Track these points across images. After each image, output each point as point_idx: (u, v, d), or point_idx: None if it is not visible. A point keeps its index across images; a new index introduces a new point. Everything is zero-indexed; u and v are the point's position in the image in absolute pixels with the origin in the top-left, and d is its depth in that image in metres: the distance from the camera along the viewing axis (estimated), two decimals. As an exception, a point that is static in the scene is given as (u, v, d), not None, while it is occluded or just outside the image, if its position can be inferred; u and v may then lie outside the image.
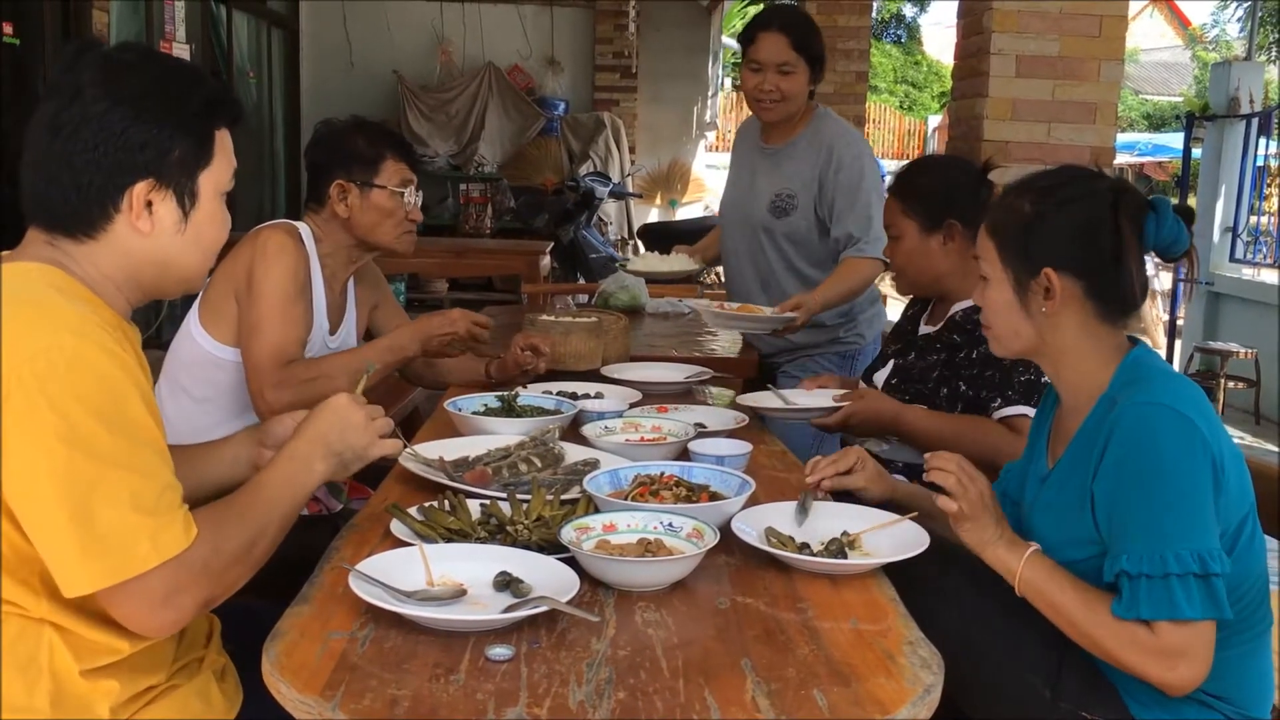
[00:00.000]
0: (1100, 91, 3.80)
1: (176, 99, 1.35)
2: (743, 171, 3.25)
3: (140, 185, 1.32)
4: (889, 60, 22.56)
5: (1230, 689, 1.56)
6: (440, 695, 1.14)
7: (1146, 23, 26.95)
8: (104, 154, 1.30)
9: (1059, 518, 1.63)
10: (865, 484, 1.84)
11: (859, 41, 7.30)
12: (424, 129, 9.76)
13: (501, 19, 10.27)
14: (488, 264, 7.13)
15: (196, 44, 7.20)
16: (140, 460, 1.22)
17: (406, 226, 2.43)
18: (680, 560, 1.45)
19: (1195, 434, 1.47)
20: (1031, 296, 1.62)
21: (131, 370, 1.25)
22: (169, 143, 1.33)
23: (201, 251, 1.42)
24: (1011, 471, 1.87)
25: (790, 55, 2.96)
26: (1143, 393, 1.52)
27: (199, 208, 1.38)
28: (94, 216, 1.33)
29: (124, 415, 1.22)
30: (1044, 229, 1.61)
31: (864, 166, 3.02)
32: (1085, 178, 1.67)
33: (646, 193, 11.00)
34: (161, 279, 1.40)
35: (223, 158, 1.40)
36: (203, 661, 1.46)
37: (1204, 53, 23.34)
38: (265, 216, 8.86)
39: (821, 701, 1.16)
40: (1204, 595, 1.43)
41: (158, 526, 1.21)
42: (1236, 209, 8.16)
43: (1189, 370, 7.75)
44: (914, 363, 2.40)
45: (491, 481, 1.81)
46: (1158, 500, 1.46)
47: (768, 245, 3.16)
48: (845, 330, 3.19)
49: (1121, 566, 1.46)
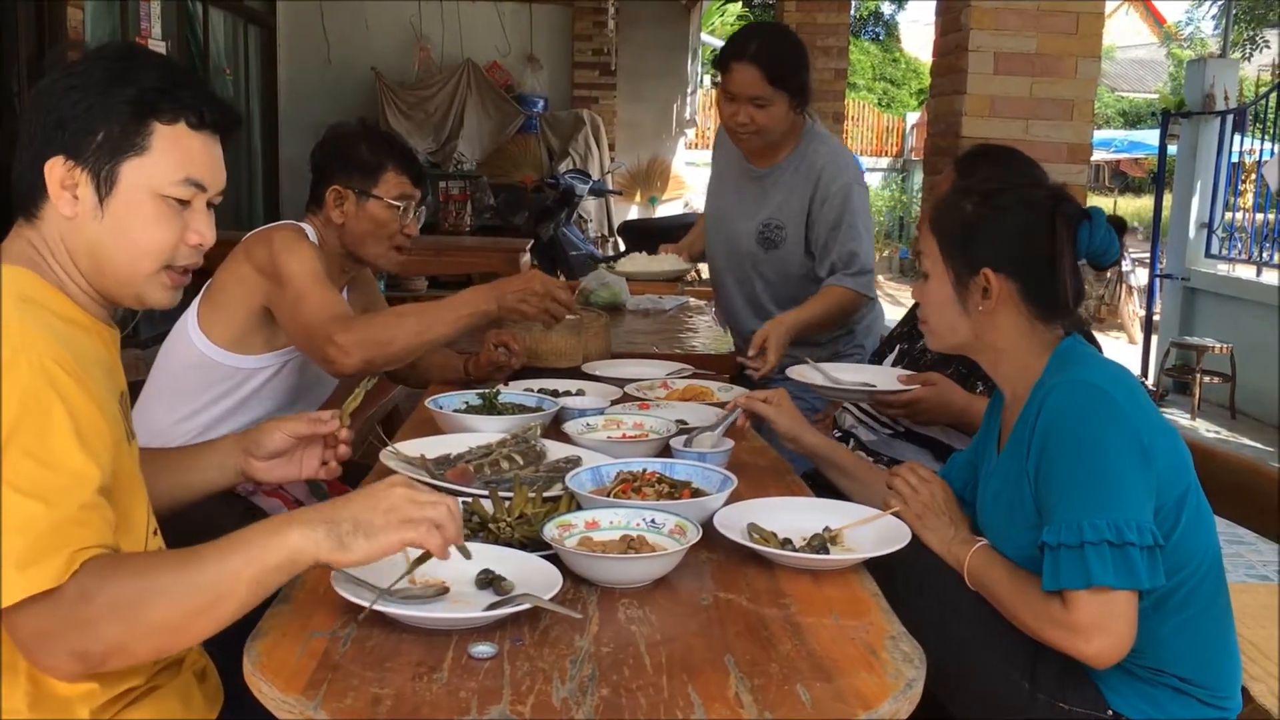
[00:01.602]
0: (1077, 88, 3.83)
1: (113, 81, 1.31)
2: (726, 188, 3.08)
3: (54, 160, 1.30)
4: (867, 58, 22.63)
5: (1201, 673, 1.59)
6: (423, 694, 1.14)
7: (1122, 20, 27.14)
8: (36, 128, 1.30)
9: (1007, 506, 1.66)
10: (776, 417, 1.95)
11: (838, 39, 7.32)
12: (403, 126, 9.72)
13: (480, 16, 10.24)
14: (467, 262, 7.10)
15: (172, 41, 7.15)
16: (45, 488, 1.14)
17: (398, 242, 2.40)
18: (662, 557, 1.45)
19: (1115, 407, 1.51)
20: (970, 294, 1.67)
21: (69, 395, 1.18)
22: (95, 124, 1.30)
23: (125, 248, 1.33)
24: (955, 464, 1.91)
25: (764, 89, 2.73)
26: (1068, 372, 1.58)
27: (117, 196, 1.32)
28: (34, 195, 1.32)
29: (41, 441, 1.15)
30: (984, 230, 1.66)
31: (850, 197, 2.83)
32: (1027, 185, 1.73)
33: (626, 190, 11.00)
34: (98, 273, 1.35)
35: (165, 155, 1.33)
36: (183, 662, 1.44)
37: (1179, 50, 23.54)
38: (243, 214, 8.91)
39: (804, 697, 1.16)
40: (1119, 563, 1.45)
41: (37, 561, 1.11)
42: (1212, 205, 8.23)
43: (1165, 365, 7.81)
44: (924, 351, 2.36)
45: (473, 479, 1.80)
46: (1078, 472, 1.50)
47: (756, 279, 3.00)
48: (844, 343, 2.99)
49: (1044, 539, 1.50)
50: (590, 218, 10.20)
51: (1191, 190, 8.36)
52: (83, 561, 1.14)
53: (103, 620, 1.14)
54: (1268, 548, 1.98)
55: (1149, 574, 1.46)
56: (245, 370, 2.26)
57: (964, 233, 1.66)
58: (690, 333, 3.58)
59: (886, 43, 23.50)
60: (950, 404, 2.20)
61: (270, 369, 2.29)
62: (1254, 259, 7.84)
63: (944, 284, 1.69)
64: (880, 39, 23.51)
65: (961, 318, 1.68)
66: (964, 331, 1.70)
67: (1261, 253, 7.80)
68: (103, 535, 1.18)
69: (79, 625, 1.14)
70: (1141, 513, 1.47)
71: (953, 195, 1.70)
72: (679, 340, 3.39)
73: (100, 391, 1.25)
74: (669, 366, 2.80)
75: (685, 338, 3.46)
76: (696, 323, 3.79)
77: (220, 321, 2.24)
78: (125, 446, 1.33)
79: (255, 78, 9.40)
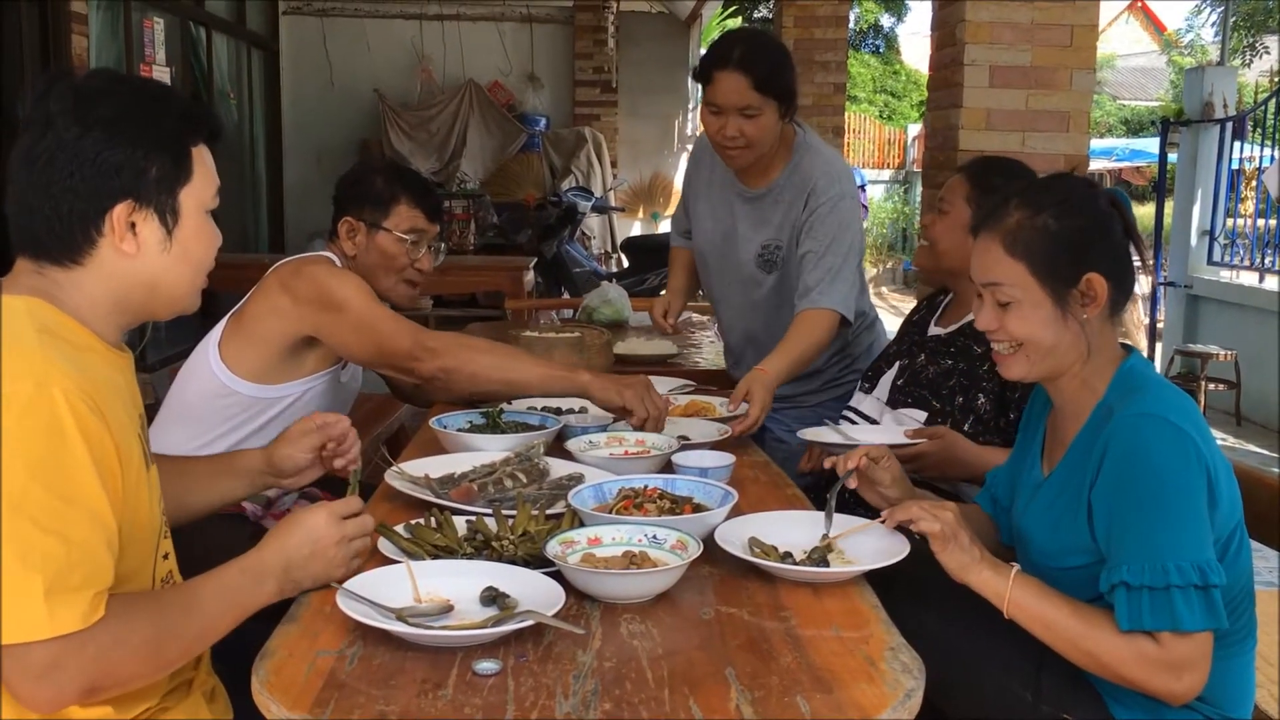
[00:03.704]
0: (1073, 100, 3.84)
1: (149, 118, 1.34)
2: (718, 210, 2.84)
3: (120, 207, 1.32)
4: (868, 70, 22.67)
5: (1213, 691, 1.58)
6: (428, 710, 1.16)
7: (1123, 29, 27.19)
8: (81, 180, 1.30)
9: (1054, 525, 1.65)
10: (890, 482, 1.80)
11: (836, 53, 7.35)
12: (405, 147, 9.78)
13: (481, 36, 10.32)
14: (471, 280, 7.14)
15: (176, 66, 7.21)
16: (67, 527, 1.16)
17: (409, 275, 2.43)
18: (664, 572, 1.47)
19: (1190, 446, 1.50)
20: (1071, 306, 1.64)
21: (93, 432, 1.20)
22: (145, 162, 1.33)
23: (191, 269, 1.41)
24: (999, 477, 1.89)
25: (753, 97, 2.52)
26: (1138, 404, 1.55)
27: (182, 225, 1.37)
28: (78, 243, 1.33)
29: (65, 477, 1.17)
30: (1079, 237, 1.64)
31: (841, 211, 2.64)
32: (1082, 183, 1.72)
33: (629, 206, 11.04)
34: (151, 300, 1.40)
35: (203, 174, 1.40)
36: (192, 684, 1.46)
37: (1179, 58, 23.54)
38: (248, 236, 8.96)
39: (804, 708, 1.17)
40: (1204, 606, 1.45)
41: (59, 600, 1.14)
42: (1213, 212, 8.24)
43: (1169, 373, 7.80)
44: (924, 366, 2.32)
45: (477, 498, 1.82)
46: (1157, 512, 1.48)
47: (763, 304, 2.82)
48: (840, 369, 2.83)
49: (1122, 578, 1.48)
50: (593, 234, 10.24)
51: (1193, 198, 8.37)
52: (104, 604, 1.18)
53: (127, 661, 1.22)
54: (1272, 553, 1.99)
55: (1224, 612, 1.47)
56: (267, 400, 2.29)
57: (1057, 246, 1.63)
58: (692, 348, 3.59)
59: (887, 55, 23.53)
60: (956, 459, 2.12)
61: (292, 396, 2.31)
62: (1256, 265, 7.84)
63: (1041, 304, 1.64)
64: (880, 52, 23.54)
65: (1065, 332, 1.64)
66: (1065, 344, 1.65)
67: (1264, 259, 7.81)
68: (112, 576, 1.22)
69: (104, 665, 1.18)
70: (1212, 551, 1.48)
71: (1025, 218, 1.65)
72: (681, 356, 3.41)
73: (119, 422, 1.27)
74: (671, 383, 2.81)
75: (688, 353, 3.48)
76: (699, 339, 3.81)
77: (250, 354, 2.26)
78: (144, 475, 1.35)
79: (259, 102, 9.46)
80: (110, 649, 1.19)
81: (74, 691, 1.18)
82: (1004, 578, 1.56)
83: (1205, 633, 1.47)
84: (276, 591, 1.41)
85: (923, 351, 2.36)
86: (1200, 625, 1.45)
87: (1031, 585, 1.56)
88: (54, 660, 1.15)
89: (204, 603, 1.33)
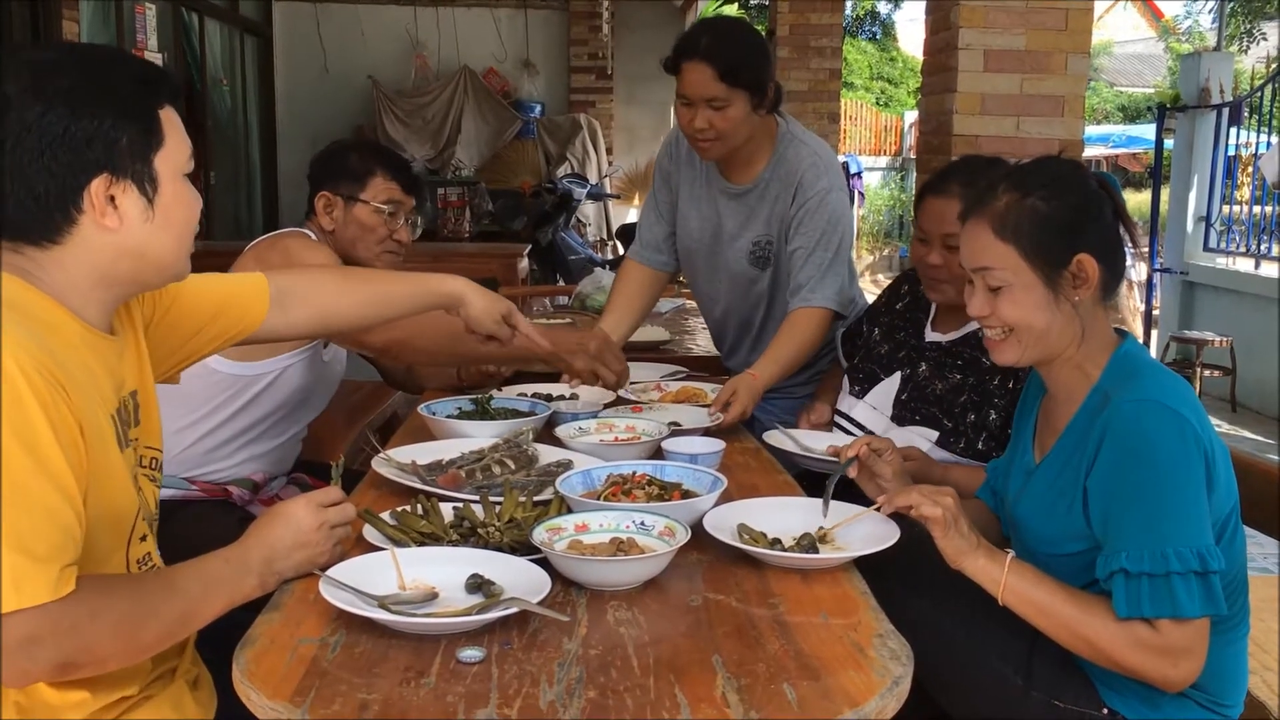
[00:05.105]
0: (1068, 85, 3.82)
1: (109, 87, 1.30)
2: (704, 208, 2.76)
3: (97, 182, 1.29)
4: (865, 57, 22.60)
5: (1206, 678, 1.57)
6: (410, 699, 1.14)
7: (1120, 15, 27.10)
8: (52, 158, 1.27)
9: (1049, 512, 1.64)
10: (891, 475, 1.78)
11: (832, 39, 7.32)
12: (400, 134, 9.75)
13: (476, 22, 10.27)
14: (466, 267, 7.07)
15: (169, 52, 7.17)
16: (35, 498, 1.14)
17: (389, 246, 2.45)
18: (651, 559, 1.46)
19: (1189, 430, 1.49)
20: (1062, 288, 1.62)
21: (50, 403, 1.17)
22: (114, 131, 1.29)
23: (175, 235, 1.38)
24: (999, 470, 1.88)
25: (718, 89, 2.43)
26: (1135, 389, 1.54)
27: (161, 192, 1.34)
28: (57, 222, 1.30)
29: (24, 445, 1.15)
30: (1069, 218, 1.62)
31: (830, 205, 2.58)
32: (1070, 165, 1.71)
33: (624, 193, 11.01)
34: (139, 270, 1.37)
35: (175, 138, 1.36)
36: (176, 671, 1.45)
37: (1177, 44, 23.48)
38: (242, 223, 8.93)
39: (791, 696, 1.16)
40: (1204, 593, 1.45)
41: (27, 570, 1.12)
42: (1209, 199, 8.23)
43: (1165, 359, 7.80)
44: (929, 379, 2.23)
45: (464, 485, 1.81)
46: (1157, 498, 1.47)
47: (761, 303, 2.78)
48: (826, 360, 2.76)
49: (1121, 565, 1.47)
50: (589, 222, 10.22)
51: (1189, 184, 8.37)
52: (76, 577, 1.16)
53: (103, 637, 1.19)
54: (1268, 539, 1.98)
55: (1223, 597, 1.47)
56: (248, 377, 2.28)
57: (1047, 227, 1.62)
58: (685, 335, 3.58)
59: (883, 42, 23.46)
60: (928, 478, 1.97)
61: (273, 374, 2.31)
62: (1252, 252, 7.84)
63: (1033, 287, 1.62)
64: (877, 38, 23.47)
65: (1057, 315, 1.63)
66: (1058, 328, 1.64)
67: (1260, 245, 7.80)
68: (79, 551, 1.19)
69: (75, 638, 1.16)
70: (1211, 537, 1.48)
71: (1014, 200, 1.63)
72: (675, 343, 3.40)
73: (85, 398, 1.25)
74: (663, 369, 2.80)
75: (680, 340, 3.47)
76: (691, 325, 3.80)
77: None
78: (118, 455, 1.32)
79: (253, 88, 9.43)
80: (86, 622, 1.17)
81: (47, 666, 1.16)
82: (999, 564, 1.55)
83: (1203, 619, 1.46)
84: (259, 585, 1.40)
85: (923, 361, 2.27)
86: (1199, 611, 1.44)
87: (1027, 571, 1.55)
88: (30, 632, 1.12)
89: (186, 586, 1.31)
